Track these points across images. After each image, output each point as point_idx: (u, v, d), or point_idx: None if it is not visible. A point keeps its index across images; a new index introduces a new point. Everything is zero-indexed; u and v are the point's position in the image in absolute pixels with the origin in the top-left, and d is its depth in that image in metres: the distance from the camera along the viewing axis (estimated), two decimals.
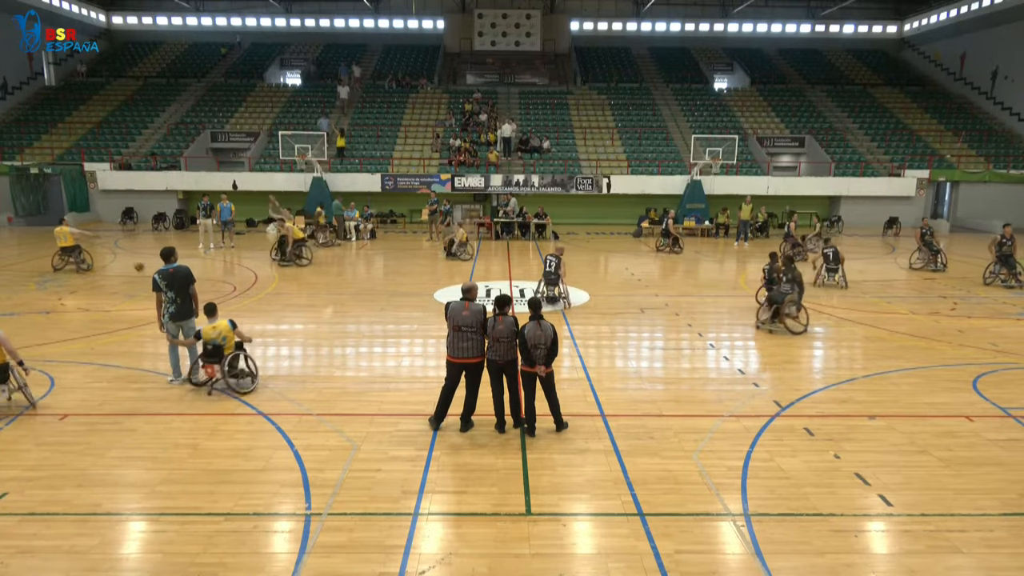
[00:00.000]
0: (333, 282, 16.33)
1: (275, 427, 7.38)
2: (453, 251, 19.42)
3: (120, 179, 27.42)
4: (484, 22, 37.59)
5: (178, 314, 8.55)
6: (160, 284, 8.47)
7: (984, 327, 12.15)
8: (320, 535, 5.33)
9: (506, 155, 29.33)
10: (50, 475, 6.25)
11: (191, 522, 5.51)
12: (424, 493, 5.99)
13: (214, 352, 8.24)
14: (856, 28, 39.24)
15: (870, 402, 8.35)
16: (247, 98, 33.56)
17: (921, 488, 6.19)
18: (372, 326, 12.04)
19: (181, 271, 8.61)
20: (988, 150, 30.27)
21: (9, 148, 28.56)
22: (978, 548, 5.26)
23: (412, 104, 33.45)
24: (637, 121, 32.62)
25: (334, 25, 38.71)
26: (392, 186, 27.32)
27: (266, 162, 29.12)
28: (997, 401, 8.37)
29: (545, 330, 6.96)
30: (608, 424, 7.55)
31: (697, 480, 6.28)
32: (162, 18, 38.49)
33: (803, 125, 32.31)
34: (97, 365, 9.44)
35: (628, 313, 13.07)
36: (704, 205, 26.92)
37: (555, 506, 5.84)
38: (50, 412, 7.73)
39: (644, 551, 5.17)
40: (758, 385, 8.97)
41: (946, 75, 36.19)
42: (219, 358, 8.25)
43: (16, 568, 4.91)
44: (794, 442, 7.13)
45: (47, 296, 13.81)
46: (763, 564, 5.02)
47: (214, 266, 18.18)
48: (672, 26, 38.88)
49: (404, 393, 8.57)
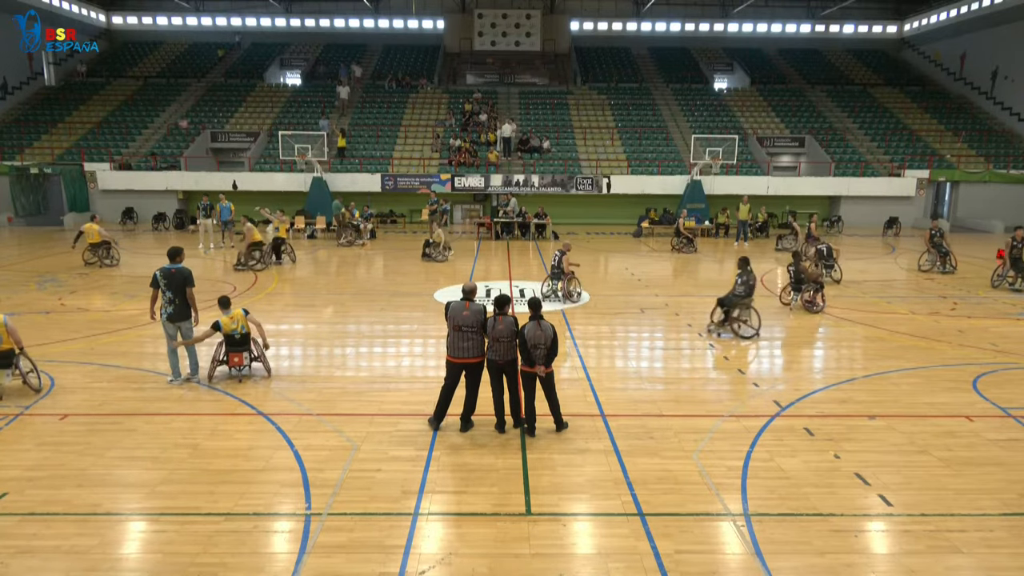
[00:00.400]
0: (333, 282, 16.32)
1: (275, 427, 7.38)
2: (427, 252, 19.11)
3: (120, 179, 27.43)
4: (484, 22, 37.59)
5: (176, 315, 8.54)
6: (160, 282, 8.48)
7: (984, 327, 12.15)
8: (320, 535, 5.33)
9: (506, 155, 29.33)
10: (50, 475, 6.25)
11: (191, 522, 5.51)
12: (424, 493, 5.99)
13: (241, 341, 8.79)
14: (856, 28, 39.24)
15: (870, 402, 8.35)
16: (247, 98, 33.56)
17: (921, 488, 6.19)
18: (372, 326, 12.04)
19: (181, 273, 8.59)
20: (988, 150, 30.27)
21: (9, 148, 28.56)
22: (978, 548, 5.26)
23: (412, 104, 33.46)
24: (637, 121, 32.62)
25: (334, 25, 38.71)
26: (392, 186, 27.33)
27: (266, 162, 29.12)
28: (997, 401, 8.37)
29: (545, 330, 6.96)
30: (608, 424, 7.55)
31: (697, 480, 6.28)
32: (162, 18, 38.49)
33: (803, 125, 32.31)
34: (97, 365, 9.44)
35: (628, 313, 13.07)
36: (704, 205, 26.93)
37: (555, 506, 5.83)
38: (50, 412, 7.73)
39: (644, 551, 5.17)
40: (758, 385, 8.97)
41: (946, 75, 36.19)
42: (246, 345, 8.83)
43: (16, 568, 4.91)
44: (794, 442, 7.13)
45: (47, 296, 13.81)
46: (763, 564, 5.02)
47: (214, 266, 18.19)
48: (672, 26, 38.88)
49: (404, 393, 8.57)
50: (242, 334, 8.77)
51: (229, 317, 8.78)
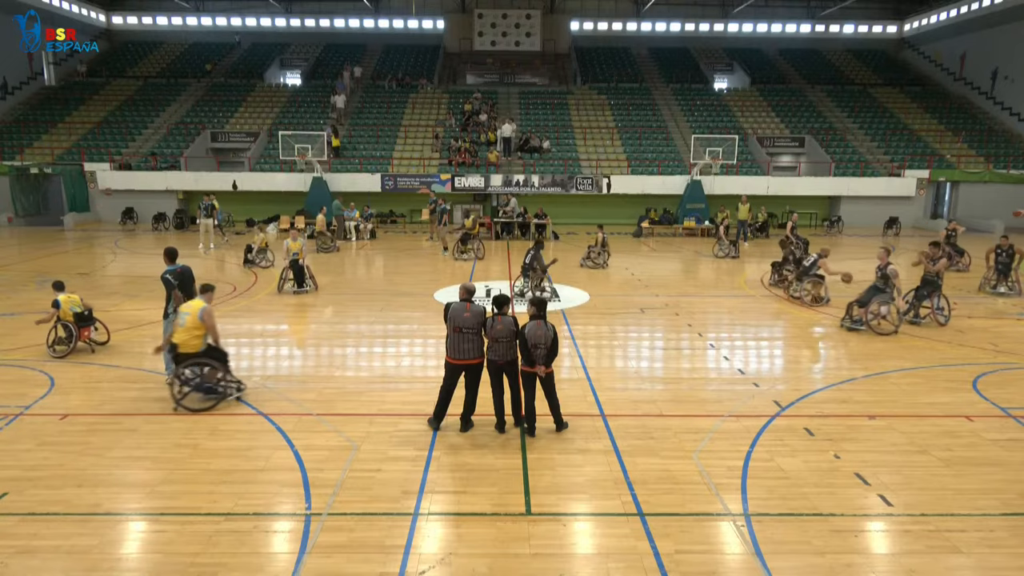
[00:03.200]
0: (333, 282, 16.32)
1: (275, 427, 7.37)
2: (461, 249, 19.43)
3: (120, 179, 27.43)
4: (484, 22, 37.61)
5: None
6: (173, 283, 8.53)
7: (984, 327, 12.15)
8: (320, 535, 5.33)
9: (506, 155, 29.33)
10: (50, 475, 6.25)
11: (191, 522, 5.51)
12: (424, 493, 5.99)
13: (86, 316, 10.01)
14: (856, 28, 39.26)
15: (870, 402, 8.35)
16: (247, 98, 33.56)
17: (921, 488, 6.19)
18: (372, 326, 12.04)
19: (187, 271, 8.73)
20: (988, 150, 30.28)
21: (9, 148, 28.57)
22: (978, 548, 5.26)
23: (412, 104, 33.46)
24: (637, 121, 32.62)
25: (334, 25, 38.73)
26: (392, 186, 27.34)
27: (266, 162, 29.13)
28: (997, 401, 8.36)
29: (547, 330, 6.96)
30: (608, 424, 7.55)
31: (697, 480, 6.27)
32: (162, 18, 38.52)
33: (803, 125, 32.32)
34: (97, 365, 9.44)
35: (628, 313, 13.07)
36: (704, 205, 26.94)
37: (555, 506, 5.83)
38: (50, 412, 7.72)
39: (644, 551, 5.16)
40: (758, 385, 8.97)
41: (946, 75, 36.20)
42: (91, 320, 10.13)
43: (16, 568, 4.91)
44: (794, 442, 7.13)
45: (47, 296, 13.75)
46: (763, 564, 5.02)
47: (214, 266, 18.18)
48: (672, 26, 38.90)
49: (404, 393, 8.56)
50: (88, 311, 10.00)
51: (66, 296, 9.87)
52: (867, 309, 11.53)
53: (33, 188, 26.86)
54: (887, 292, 11.44)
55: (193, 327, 7.81)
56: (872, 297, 11.55)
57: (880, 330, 11.46)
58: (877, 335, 11.35)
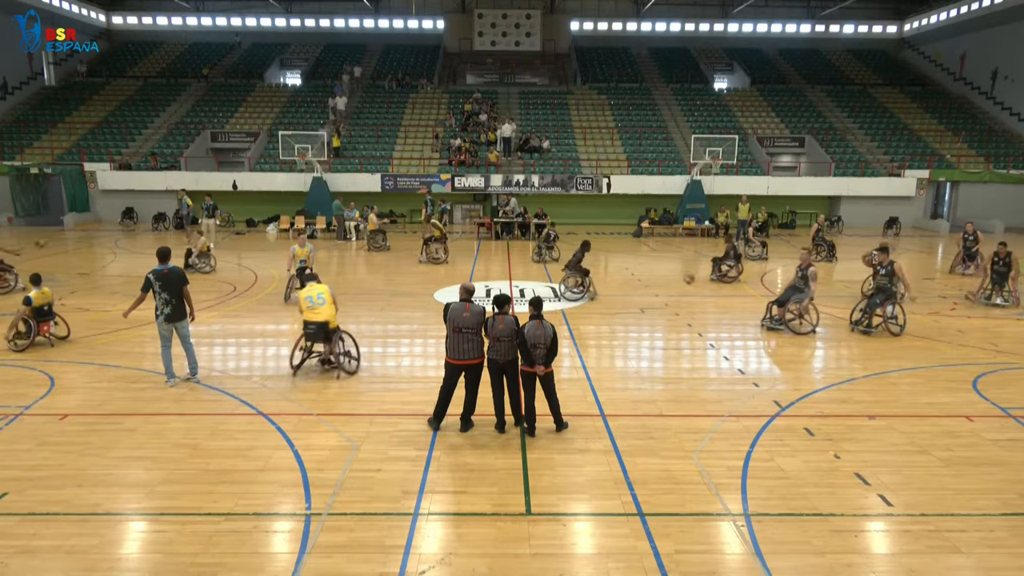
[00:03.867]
0: (333, 282, 16.29)
1: (275, 427, 7.38)
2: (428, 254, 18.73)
3: (120, 179, 27.42)
4: (484, 22, 37.60)
5: (173, 315, 8.49)
6: (154, 285, 8.38)
7: (984, 327, 12.15)
8: (320, 535, 5.33)
9: (506, 155, 29.33)
10: (50, 475, 6.25)
11: (191, 522, 5.51)
12: (424, 493, 5.99)
13: (48, 312, 10.20)
14: (856, 28, 39.25)
15: (870, 402, 8.35)
16: (247, 98, 33.56)
17: (921, 488, 6.19)
18: (372, 326, 12.04)
19: (175, 272, 8.54)
20: (988, 150, 30.27)
21: (9, 148, 28.57)
22: (978, 548, 5.26)
23: (412, 104, 33.46)
24: (637, 121, 32.62)
25: (334, 25, 38.72)
26: (392, 186, 27.34)
27: (266, 162, 29.13)
28: (997, 401, 8.37)
29: (546, 330, 6.96)
30: (608, 424, 7.55)
31: (697, 480, 6.28)
32: (162, 18, 38.51)
33: (803, 125, 32.31)
34: (97, 365, 9.44)
35: (628, 313, 13.07)
36: (704, 205, 26.94)
37: (555, 506, 5.83)
38: (50, 412, 7.73)
39: (644, 551, 5.17)
40: (758, 385, 8.97)
41: (946, 75, 36.19)
42: (52, 315, 10.27)
43: (16, 568, 4.91)
44: (794, 442, 7.13)
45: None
46: (763, 564, 5.02)
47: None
48: (672, 26, 38.88)
49: (404, 393, 8.57)
50: (48, 306, 10.20)
51: (39, 292, 10.02)
52: (785, 308, 11.64)
53: (33, 188, 26.84)
54: (805, 292, 11.52)
55: (332, 301, 8.75)
56: (790, 297, 11.67)
57: (799, 329, 11.53)
58: (795, 335, 11.43)
